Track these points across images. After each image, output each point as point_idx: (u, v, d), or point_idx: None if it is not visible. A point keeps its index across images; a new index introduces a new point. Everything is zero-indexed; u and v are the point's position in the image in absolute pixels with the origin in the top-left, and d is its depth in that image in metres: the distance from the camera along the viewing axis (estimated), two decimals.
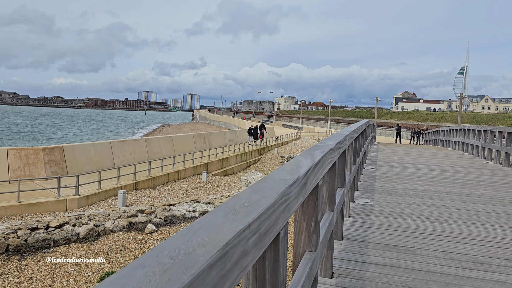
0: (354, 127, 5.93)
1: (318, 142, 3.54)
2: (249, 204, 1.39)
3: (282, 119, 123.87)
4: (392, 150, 17.06)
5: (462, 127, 19.23)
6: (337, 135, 4.35)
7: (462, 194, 7.68)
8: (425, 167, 11.45)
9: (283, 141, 41.40)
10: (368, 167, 10.61)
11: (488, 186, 8.72)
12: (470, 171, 10.96)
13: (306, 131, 64.56)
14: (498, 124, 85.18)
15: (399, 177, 9.32)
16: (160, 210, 10.53)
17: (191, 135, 26.34)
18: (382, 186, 8.10)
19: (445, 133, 24.29)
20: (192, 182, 18.65)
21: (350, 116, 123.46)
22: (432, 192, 7.76)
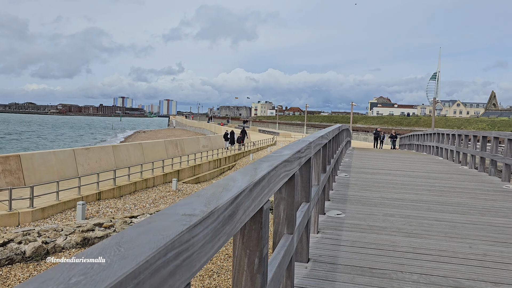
0: (322, 133, 5.36)
1: (273, 152, 2.93)
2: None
3: (258, 124, 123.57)
4: (367, 156, 16.68)
5: (436, 131, 19.06)
6: (299, 142, 3.76)
7: (440, 203, 7.21)
8: (400, 173, 11.02)
9: (259, 147, 40.84)
10: (342, 174, 10.10)
11: (465, 193, 8.31)
12: (446, 177, 10.58)
13: (282, 136, 64.25)
14: (470, 128, 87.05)
15: (374, 185, 8.82)
16: (120, 223, 9.73)
17: (162, 142, 25.46)
18: (356, 196, 7.56)
19: (419, 138, 24.19)
20: (161, 191, 17.81)
21: (326, 121, 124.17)
22: (408, 201, 7.27)
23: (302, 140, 3.90)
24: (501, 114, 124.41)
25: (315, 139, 4.28)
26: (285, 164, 2.62)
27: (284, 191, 2.99)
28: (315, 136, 4.61)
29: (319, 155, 5.01)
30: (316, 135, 4.71)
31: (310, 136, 4.58)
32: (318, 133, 5.36)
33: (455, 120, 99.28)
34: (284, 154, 2.78)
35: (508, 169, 10.20)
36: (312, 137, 4.43)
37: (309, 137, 4.47)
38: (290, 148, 3.04)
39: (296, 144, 3.47)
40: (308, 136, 4.48)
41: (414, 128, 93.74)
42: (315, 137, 4.46)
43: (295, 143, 3.64)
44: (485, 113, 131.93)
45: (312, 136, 4.50)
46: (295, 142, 3.70)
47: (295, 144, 3.41)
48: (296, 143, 3.68)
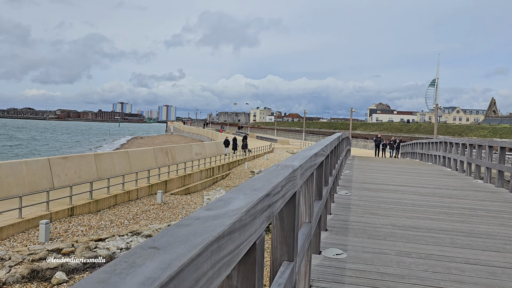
0: (317, 149, 3.95)
1: (216, 200, 1.54)
2: None
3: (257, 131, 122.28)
4: (369, 167, 15.26)
5: (444, 140, 17.67)
6: (278, 169, 2.34)
7: (465, 233, 5.78)
8: (408, 189, 9.59)
9: (255, 154, 39.40)
10: (342, 192, 8.67)
11: (491, 217, 6.88)
12: (462, 195, 9.16)
13: (280, 143, 62.87)
14: (471, 135, 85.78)
15: (380, 206, 7.40)
16: (81, 250, 8.29)
17: (151, 149, 24.02)
18: (359, 223, 6.13)
19: (423, 146, 22.79)
20: (145, 204, 16.36)
21: (325, 128, 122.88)
22: (425, 230, 5.84)
23: (283, 166, 2.49)
24: (501, 121, 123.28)
25: (304, 161, 2.87)
26: (239, 232, 1.23)
27: (237, 273, 1.58)
28: (305, 155, 3.19)
29: (311, 180, 3.59)
30: (306, 154, 3.30)
31: (299, 155, 3.17)
32: (310, 149, 3.95)
33: (456, 127, 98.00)
34: (236, 210, 1.37)
35: None
36: (301, 157, 3.01)
37: (296, 157, 3.06)
38: (249, 195, 1.62)
39: (268, 181, 2.06)
40: (296, 157, 3.07)
41: (414, 135, 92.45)
42: (305, 158, 3.05)
43: (269, 172, 2.22)
44: (485, 120, 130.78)
45: (301, 156, 3.09)
46: (270, 171, 2.28)
47: (266, 180, 1.99)
48: (272, 171, 2.27)
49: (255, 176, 2.03)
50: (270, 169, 2.33)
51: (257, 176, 2.04)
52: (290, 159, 2.87)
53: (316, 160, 3.74)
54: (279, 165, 2.51)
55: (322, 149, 4.36)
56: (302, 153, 3.38)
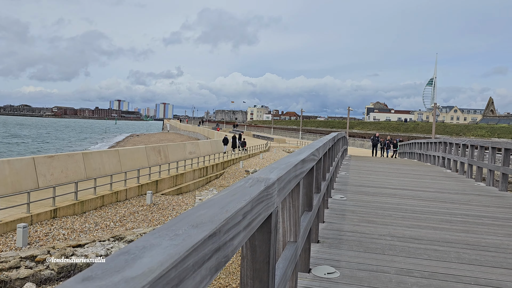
0: (305, 154, 3.35)
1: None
2: None
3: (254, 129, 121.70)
4: (366, 168, 14.72)
5: (443, 140, 17.15)
6: (244, 187, 1.77)
7: (470, 245, 5.23)
8: (408, 193, 9.04)
9: (250, 153, 38.83)
10: (337, 196, 8.11)
11: (498, 226, 6.34)
12: (465, 200, 8.62)
13: (276, 142, 62.33)
14: (469, 134, 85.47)
15: (378, 213, 6.84)
16: (57, 256, 7.71)
17: (143, 148, 23.41)
18: (355, 232, 5.56)
19: (422, 146, 22.28)
20: (134, 205, 15.77)
21: (322, 126, 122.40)
22: (427, 242, 5.28)
23: (255, 180, 1.92)
24: (499, 120, 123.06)
25: (285, 171, 2.30)
26: None
27: None
28: (289, 163, 2.62)
29: (297, 192, 3.02)
30: (291, 161, 2.72)
31: (280, 164, 2.59)
32: (298, 153, 3.38)
33: (454, 126, 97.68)
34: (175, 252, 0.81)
35: None
36: (282, 166, 2.44)
37: (277, 166, 2.48)
38: (175, 234, 1.05)
39: (228, 198, 1.49)
40: (276, 165, 2.49)
41: (411, 134, 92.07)
42: (288, 166, 2.48)
43: (231, 192, 1.65)
44: (483, 120, 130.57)
45: (283, 165, 2.51)
46: (234, 189, 1.71)
47: (220, 203, 1.42)
48: (236, 189, 1.70)
49: (208, 200, 1.46)
50: (235, 185, 1.75)
51: (212, 199, 1.47)
52: (268, 169, 2.29)
53: (304, 167, 3.17)
54: (250, 179, 1.93)
55: (312, 153, 3.79)
56: (286, 160, 2.81)
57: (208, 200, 1.46)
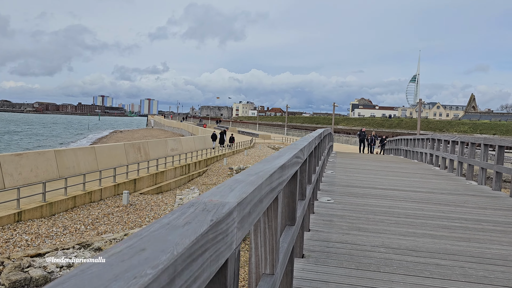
0: (285, 157, 2.62)
1: None
2: None
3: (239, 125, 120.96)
4: (353, 165, 14.11)
5: (431, 137, 16.67)
6: (176, 229, 1.04)
7: (475, 257, 4.60)
8: (399, 194, 8.42)
9: (235, 150, 38.08)
10: (323, 198, 7.43)
11: (500, 233, 5.74)
12: (460, 201, 8.04)
13: (261, 138, 61.69)
14: (452, 130, 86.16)
15: (368, 219, 6.18)
16: (10, 269, 6.86)
17: (121, 145, 22.46)
18: (344, 244, 4.88)
19: (408, 142, 21.84)
20: (109, 206, 14.89)
21: (308, 122, 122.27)
22: (426, 254, 4.63)
23: (199, 211, 1.19)
24: (480, 117, 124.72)
25: (253, 188, 1.58)
26: None
27: None
28: (263, 172, 1.90)
29: (275, 208, 2.30)
30: (266, 170, 2.01)
31: (249, 174, 1.86)
32: (278, 157, 2.65)
33: (437, 122, 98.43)
34: None
35: None
36: (250, 180, 1.71)
37: (244, 179, 1.76)
38: None
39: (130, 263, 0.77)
40: (243, 178, 1.76)
41: (396, 130, 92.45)
42: (260, 179, 1.76)
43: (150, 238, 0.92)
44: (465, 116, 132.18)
45: (252, 177, 1.79)
46: (155, 232, 0.98)
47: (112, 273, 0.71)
48: (152, 235, 0.97)
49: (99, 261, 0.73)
50: (158, 224, 1.02)
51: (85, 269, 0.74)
52: (228, 185, 1.57)
53: (285, 175, 2.45)
54: (192, 206, 1.21)
55: (296, 154, 3.07)
56: (258, 168, 2.08)
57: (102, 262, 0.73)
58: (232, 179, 1.71)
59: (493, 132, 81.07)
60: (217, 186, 1.55)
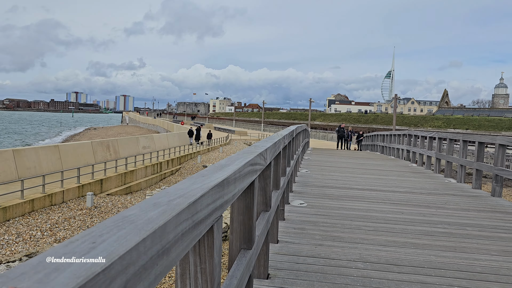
0: (232, 168, 2.00)
1: None
2: None
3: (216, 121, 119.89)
4: (328, 163, 13.60)
5: (408, 132, 16.34)
6: None
7: (464, 272, 4.05)
8: (377, 195, 7.89)
9: (209, 147, 37.26)
10: (296, 202, 6.82)
11: (486, 239, 5.24)
12: (441, 202, 7.57)
13: (238, 135, 60.98)
14: (426, 125, 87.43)
15: (344, 225, 5.59)
16: None
17: (88, 143, 21.38)
18: (317, 259, 4.25)
19: (385, 138, 21.54)
20: (71, 209, 13.95)
21: (285, 118, 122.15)
22: (410, 269, 4.06)
23: None
24: (453, 112, 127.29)
25: (145, 236, 0.91)
26: None
27: None
28: (177, 200, 1.24)
29: (209, 238, 1.63)
30: (187, 194, 1.35)
31: (154, 206, 1.19)
32: (211, 174, 1.98)
33: (412, 117, 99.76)
34: None
35: None
36: (138, 224, 1.04)
37: (135, 214, 1.08)
38: None
39: None
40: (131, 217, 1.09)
41: (372, 126, 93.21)
42: (165, 216, 1.09)
43: None
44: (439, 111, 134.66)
45: (155, 212, 1.12)
46: None
47: None
48: None
49: None
50: None
51: None
52: (87, 241, 0.89)
53: (227, 194, 1.78)
54: None
55: (251, 161, 2.41)
56: (180, 189, 1.41)
57: None
58: (118, 217, 1.04)
59: (466, 127, 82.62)
60: (70, 240, 0.88)
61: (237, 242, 2.56)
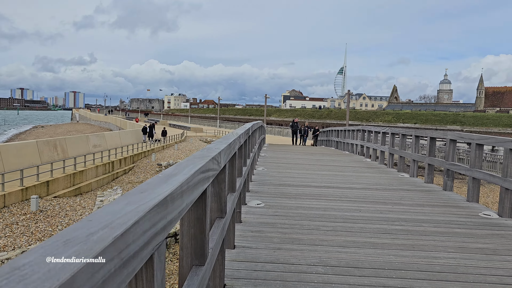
0: (178, 180, 1.74)
1: None
2: None
3: (171, 118, 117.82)
4: (285, 160, 13.52)
5: (362, 128, 16.58)
6: None
7: (423, 271, 3.98)
8: (334, 193, 7.84)
9: (164, 144, 36.40)
10: (252, 202, 6.60)
11: (443, 235, 5.26)
12: (396, 198, 7.62)
13: (193, 131, 60.15)
14: (377, 120, 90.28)
15: (303, 226, 5.44)
16: None
17: (34, 143, 20.12)
18: (276, 265, 4.04)
19: (339, 134, 21.84)
20: (14, 214, 13.02)
21: (240, 114, 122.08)
22: (370, 271, 3.94)
23: None
24: (402, 107, 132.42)
25: None
26: None
27: None
28: (97, 235, 0.97)
29: (148, 271, 1.36)
30: (113, 224, 1.07)
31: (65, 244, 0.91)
32: (150, 191, 1.69)
33: (364, 113, 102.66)
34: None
35: (476, 184, 7.48)
36: None
37: None
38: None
39: None
40: None
41: (326, 121, 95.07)
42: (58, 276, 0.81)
43: None
44: (389, 106, 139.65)
45: None
46: None
47: None
48: None
49: None
50: None
51: None
52: None
53: (172, 213, 1.51)
54: None
55: (202, 168, 2.15)
56: (107, 214, 1.11)
57: None
58: (5, 269, 0.74)
59: (414, 121, 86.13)
60: None
61: (188, 259, 2.29)
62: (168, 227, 1.43)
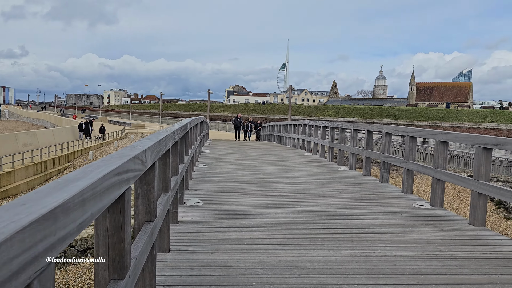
0: (75, 189, 1.51)
1: None
2: None
3: (111, 114, 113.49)
4: (227, 155, 13.33)
5: (303, 122, 16.77)
6: None
7: (361, 266, 3.96)
8: (275, 188, 7.77)
9: (103, 141, 34.89)
10: (192, 201, 6.35)
11: (380, 227, 5.33)
12: (335, 191, 7.69)
13: (134, 128, 58.31)
14: (318, 114, 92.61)
15: (243, 224, 5.28)
16: None
17: None
18: (213, 269, 3.84)
19: (281, 128, 22.01)
20: None
21: (184, 110, 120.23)
22: (310, 269, 3.86)
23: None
24: (341, 101, 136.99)
25: None
26: None
27: None
28: None
29: (47, 279, 1.11)
30: None
31: None
32: (38, 202, 1.44)
33: (306, 107, 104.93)
34: None
35: (410, 176, 7.73)
36: None
37: None
38: None
39: None
40: None
41: (269, 116, 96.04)
42: None
43: None
44: (329, 101, 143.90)
45: None
46: None
47: None
48: None
49: None
50: None
51: None
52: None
53: (67, 227, 1.25)
54: None
55: (119, 168, 1.89)
56: None
57: None
58: None
59: (353, 116, 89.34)
60: None
61: (104, 273, 2.02)
62: (58, 245, 1.17)
